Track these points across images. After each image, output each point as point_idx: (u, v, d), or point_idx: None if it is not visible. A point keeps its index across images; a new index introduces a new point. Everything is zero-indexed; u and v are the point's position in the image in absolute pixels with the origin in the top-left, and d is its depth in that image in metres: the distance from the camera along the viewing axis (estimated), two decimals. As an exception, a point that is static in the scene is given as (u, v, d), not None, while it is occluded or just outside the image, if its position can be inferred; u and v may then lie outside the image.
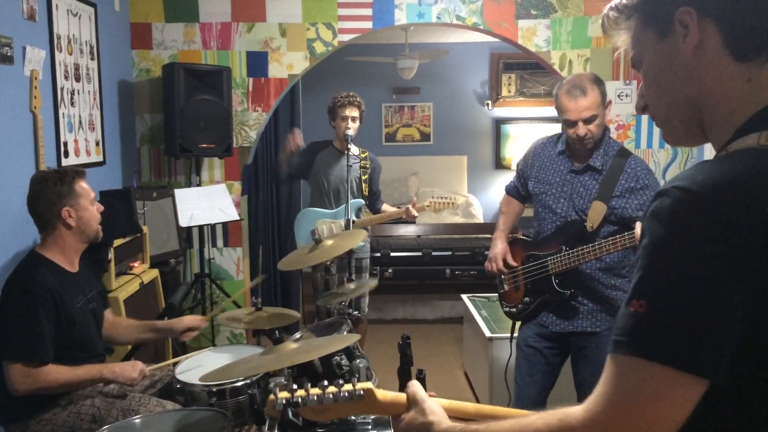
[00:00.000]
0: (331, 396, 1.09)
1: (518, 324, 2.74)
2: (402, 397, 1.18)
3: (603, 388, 0.87)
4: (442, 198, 3.92)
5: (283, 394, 1.08)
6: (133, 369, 2.33)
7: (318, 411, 1.10)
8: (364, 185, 4.03)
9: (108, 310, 2.74)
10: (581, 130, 2.40)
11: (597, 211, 2.40)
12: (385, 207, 4.12)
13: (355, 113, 3.93)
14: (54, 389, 2.23)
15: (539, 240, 2.59)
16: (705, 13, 0.92)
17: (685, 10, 0.92)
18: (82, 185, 2.40)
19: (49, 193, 2.33)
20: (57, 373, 2.22)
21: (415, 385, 1.18)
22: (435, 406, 1.15)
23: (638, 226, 2.19)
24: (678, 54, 0.95)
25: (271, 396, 1.10)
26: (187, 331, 2.66)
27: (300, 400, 1.08)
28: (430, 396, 1.19)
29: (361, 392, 1.11)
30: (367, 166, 4.05)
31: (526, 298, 2.60)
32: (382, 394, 1.15)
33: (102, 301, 2.61)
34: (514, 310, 2.67)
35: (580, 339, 2.53)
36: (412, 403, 1.16)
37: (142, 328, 2.71)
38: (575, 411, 0.90)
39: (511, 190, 2.86)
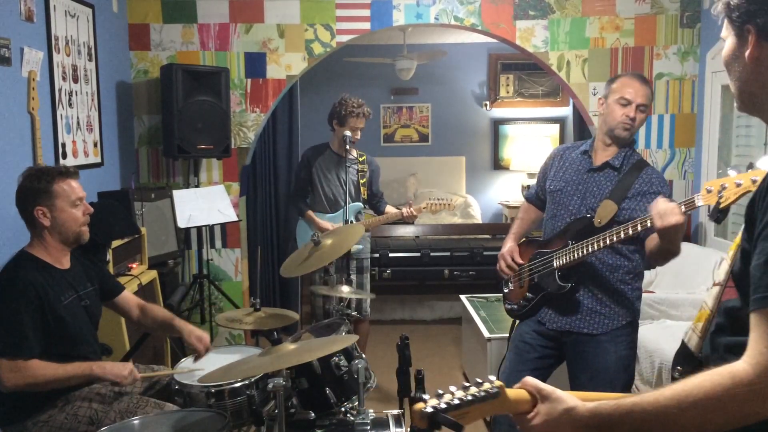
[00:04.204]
0: (472, 397, 1.11)
1: (518, 323, 2.74)
2: (523, 393, 1.17)
3: (764, 342, 0.98)
4: (439, 200, 3.94)
5: (434, 401, 1.10)
6: (124, 367, 2.32)
7: (460, 415, 1.10)
8: (362, 188, 4.04)
9: (132, 296, 2.73)
10: (632, 111, 2.43)
11: (606, 209, 2.40)
12: (389, 208, 4.13)
13: (363, 124, 3.95)
14: (42, 385, 2.22)
15: (548, 238, 2.59)
16: (764, 37, 1.10)
17: (748, 28, 1.11)
18: (64, 186, 2.33)
19: (26, 188, 2.31)
20: (45, 368, 2.20)
21: (532, 379, 1.18)
22: (566, 393, 1.15)
23: (660, 200, 2.13)
24: (743, 57, 1.13)
25: (419, 405, 1.10)
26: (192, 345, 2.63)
27: (447, 405, 1.09)
28: None
29: (496, 389, 1.12)
30: (365, 169, 4.06)
31: (528, 294, 2.58)
32: (510, 391, 1.15)
33: (101, 297, 2.58)
34: (516, 306, 2.65)
35: (578, 341, 2.50)
36: (542, 395, 1.16)
37: (161, 323, 2.69)
38: (741, 367, 0.99)
39: (531, 197, 2.84)
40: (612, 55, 4.53)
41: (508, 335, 2.79)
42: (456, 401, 1.10)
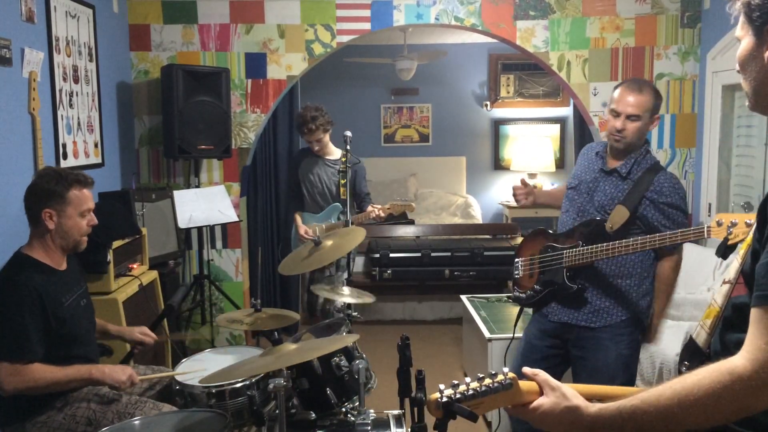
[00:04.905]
0: (486, 388, 1.13)
1: (524, 311, 2.82)
2: (533, 385, 1.20)
3: (763, 338, 1.00)
4: (402, 200, 3.98)
5: (449, 392, 1.12)
6: (123, 372, 2.31)
7: (474, 405, 1.13)
8: (342, 189, 4.05)
9: None
10: (619, 122, 2.47)
11: (619, 214, 2.44)
12: (371, 208, 4.12)
13: (320, 136, 3.99)
14: (42, 389, 2.22)
15: (560, 233, 2.64)
16: None
17: (767, 29, 1.11)
18: (78, 194, 2.34)
19: (40, 188, 2.31)
20: (44, 371, 2.20)
21: (544, 372, 1.20)
22: (573, 391, 1.17)
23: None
24: (761, 58, 1.13)
25: (434, 395, 1.11)
26: (137, 345, 2.67)
27: (461, 395, 1.11)
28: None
29: (509, 381, 1.14)
30: (347, 170, 4.06)
31: (537, 286, 2.63)
32: (521, 383, 1.17)
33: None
34: (523, 295, 2.70)
35: (579, 338, 2.54)
36: (549, 388, 1.18)
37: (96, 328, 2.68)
38: (740, 363, 1.00)
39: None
40: (612, 55, 4.53)
41: (514, 322, 2.84)
42: (470, 392, 1.12)
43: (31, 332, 2.20)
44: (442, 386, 1.12)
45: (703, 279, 3.89)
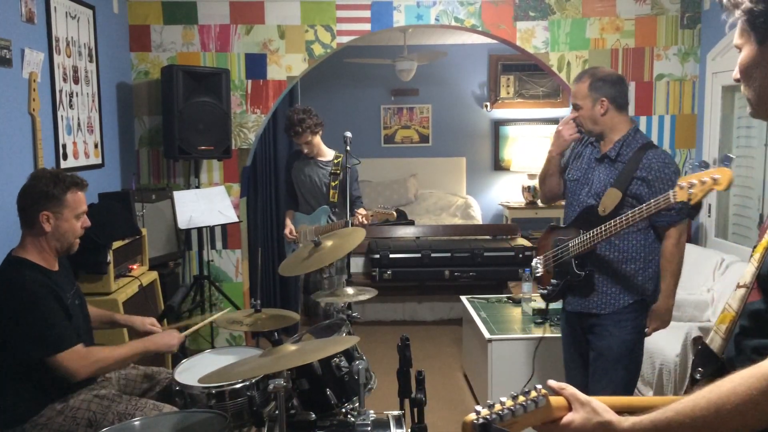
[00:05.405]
0: (521, 406, 1.11)
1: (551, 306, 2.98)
2: (561, 400, 1.18)
3: None
4: (383, 208, 3.94)
5: (485, 412, 1.10)
6: (172, 337, 2.46)
7: (508, 424, 1.11)
8: (332, 191, 4.03)
9: None
10: (572, 113, 2.60)
11: (611, 197, 2.48)
12: (360, 212, 4.07)
13: (308, 138, 3.96)
14: (109, 367, 2.33)
15: (565, 226, 2.71)
16: None
17: None
18: (74, 197, 2.35)
19: (36, 190, 2.31)
20: (103, 350, 2.30)
21: (571, 387, 1.19)
22: (603, 405, 1.15)
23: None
24: (766, 63, 1.12)
25: (470, 417, 1.09)
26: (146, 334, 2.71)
27: (497, 416, 1.09)
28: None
29: (542, 398, 1.13)
30: (338, 171, 4.04)
31: (554, 280, 2.71)
32: (552, 399, 1.16)
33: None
34: (545, 291, 2.78)
35: (590, 324, 2.61)
36: (578, 403, 1.16)
37: (102, 318, 2.71)
38: None
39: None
40: (612, 56, 4.53)
41: (541, 323, 3.03)
42: (506, 411, 1.10)
43: (62, 319, 2.23)
44: (478, 407, 1.10)
45: (703, 279, 3.89)
